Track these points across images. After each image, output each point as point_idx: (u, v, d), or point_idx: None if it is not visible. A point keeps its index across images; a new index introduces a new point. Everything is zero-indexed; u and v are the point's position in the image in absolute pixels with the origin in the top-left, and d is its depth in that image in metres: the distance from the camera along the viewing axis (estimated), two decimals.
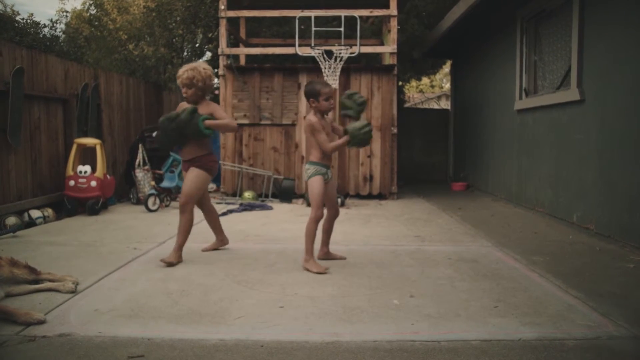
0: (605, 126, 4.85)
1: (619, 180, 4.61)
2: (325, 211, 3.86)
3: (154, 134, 7.44)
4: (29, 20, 9.70)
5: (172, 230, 5.18)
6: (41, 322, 2.62)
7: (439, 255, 4.19)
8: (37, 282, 3.21)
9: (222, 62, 7.96)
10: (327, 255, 4.02)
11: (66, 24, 13.02)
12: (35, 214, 5.83)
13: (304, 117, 7.83)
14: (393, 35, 7.85)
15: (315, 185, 3.72)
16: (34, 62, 6.09)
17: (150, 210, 6.45)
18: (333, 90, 3.82)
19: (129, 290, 3.20)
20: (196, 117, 3.79)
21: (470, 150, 9.43)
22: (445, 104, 19.82)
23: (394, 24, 7.87)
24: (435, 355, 2.31)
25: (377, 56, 10.19)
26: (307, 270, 3.65)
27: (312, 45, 6.94)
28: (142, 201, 6.87)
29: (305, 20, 8.52)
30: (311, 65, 7.88)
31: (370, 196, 7.88)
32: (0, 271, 3.05)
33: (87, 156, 6.76)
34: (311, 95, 3.76)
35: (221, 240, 4.39)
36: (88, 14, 13.12)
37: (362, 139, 3.70)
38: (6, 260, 3.16)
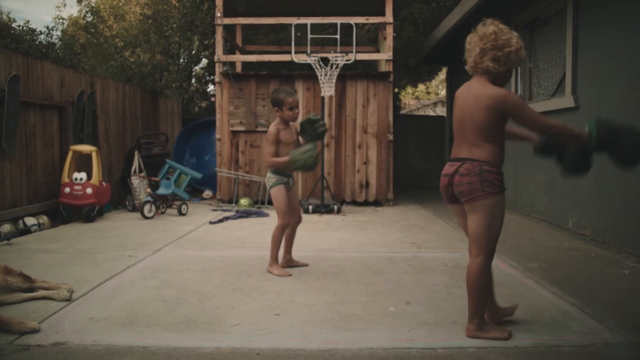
0: None
1: (614, 186, 4.63)
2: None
3: None
4: (25, 27, 9.70)
5: (168, 238, 5.17)
6: (35, 331, 2.60)
7: (435, 262, 4.19)
8: (31, 290, 3.19)
9: (218, 69, 7.98)
10: (289, 263, 4.00)
11: (62, 31, 13.04)
12: (30, 221, 5.81)
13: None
14: (389, 42, 7.89)
15: (278, 194, 3.78)
16: (29, 69, 6.09)
17: (146, 218, 6.44)
18: (297, 99, 3.82)
19: (124, 298, 3.19)
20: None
21: None
22: (441, 111, 19.88)
23: (389, 31, 7.91)
24: None
25: (373, 63, 10.25)
26: (270, 272, 3.77)
27: (308, 52, 6.96)
28: (137, 208, 6.85)
29: (301, 28, 8.55)
30: (307, 72, 7.91)
31: (366, 203, 7.88)
32: None
33: (82, 163, 6.75)
34: (275, 104, 3.81)
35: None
36: (84, 21, 13.12)
37: (303, 164, 3.58)
38: (0, 268, 3.14)
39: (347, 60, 6.92)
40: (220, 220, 6.31)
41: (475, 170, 2.45)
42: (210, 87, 13.06)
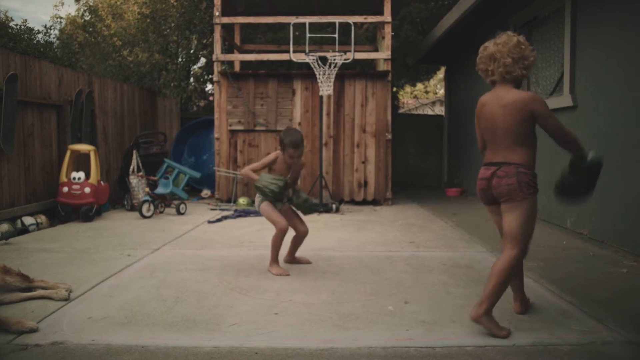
0: (598, 132, 4.89)
1: (613, 185, 4.64)
2: (294, 229, 3.98)
3: None
4: (22, 26, 9.69)
5: (166, 237, 5.17)
6: (34, 331, 2.60)
7: (433, 261, 4.19)
8: (29, 289, 3.19)
9: (216, 68, 7.97)
10: (292, 261, 4.10)
11: (60, 30, 13.01)
12: (29, 220, 5.80)
13: (298, 124, 7.84)
14: (387, 41, 7.89)
15: (266, 208, 3.85)
16: (27, 68, 6.07)
17: (144, 217, 6.43)
18: (300, 151, 3.86)
19: (122, 297, 3.18)
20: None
21: (464, 155, 9.46)
22: (440, 110, 19.89)
23: (388, 30, 7.91)
24: None
25: (372, 62, 10.24)
26: (270, 272, 3.80)
27: (307, 51, 6.96)
28: (136, 207, 6.84)
29: (299, 27, 8.55)
30: (306, 72, 7.90)
31: (364, 202, 7.88)
32: None
33: (80, 162, 6.74)
34: (281, 144, 3.84)
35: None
36: (82, 20, 13.10)
37: (264, 188, 3.74)
38: None
39: (345, 60, 6.92)
40: (218, 220, 6.30)
41: (512, 173, 2.61)
42: (209, 87, 13.05)
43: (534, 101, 2.60)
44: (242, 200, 7.62)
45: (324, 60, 6.84)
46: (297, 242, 4.07)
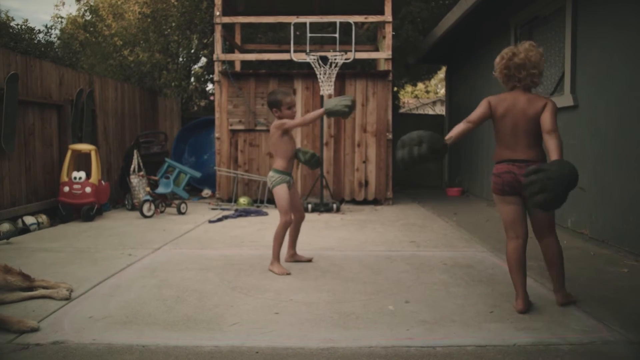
0: (599, 131, 4.88)
1: (613, 185, 4.64)
2: (293, 212, 3.96)
3: None
4: (23, 26, 9.68)
5: (167, 236, 5.17)
6: (35, 330, 2.60)
7: (434, 260, 4.19)
8: (30, 289, 3.19)
9: (217, 67, 7.97)
10: (293, 258, 4.12)
11: (61, 30, 13.01)
12: (29, 220, 5.80)
13: None
14: (388, 41, 7.89)
15: (280, 193, 3.83)
16: (28, 68, 6.08)
17: (145, 217, 6.44)
18: (294, 99, 3.93)
19: (123, 297, 3.19)
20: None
21: (465, 155, 9.46)
22: (440, 110, 19.88)
23: (388, 30, 7.90)
24: None
25: (372, 62, 10.25)
26: (271, 271, 3.78)
27: (307, 51, 6.96)
28: (137, 207, 6.85)
29: (300, 27, 8.54)
30: (306, 71, 7.90)
31: (365, 202, 7.88)
32: None
33: (81, 162, 6.75)
34: (274, 105, 3.85)
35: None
36: (83, 20, 13.11)
37: (336, 111, 3.71)
38: (0, 267, 3.15)
39: (346, 59, 6.92)
40: (219, 219, 6.31)
41: None
42: (209, 86, 13.06)
43: (554, 104, 2.91)
44: (242, 200, 7.62)
45: (324, 59, 6.84)
46: (295, 231, 4.08)
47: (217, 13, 7.92)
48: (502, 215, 3.08)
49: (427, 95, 23.18)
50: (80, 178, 6.28)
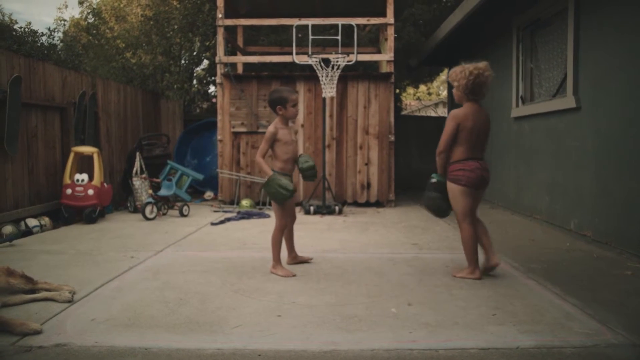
0: (601, 133, 4.88)
1: (616, 187, 4.63)
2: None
3: None
4: (26, 29, 9.73)
5: (170, 239, 5.17)
6: (37, 332, 2.60)
7: (436, 263, 4.18)
8: (33, 291, 3.19)
9: (219, 70, 7.98)
10: (296, 260, 4.12)
11: (64, 33, 13.06)
12: (32, 222, 5.82)
13: (301, 125, 7.84)
14: (390, 43, 7.89)
15: None
16: (31, 71, 6.10)
17: (147, 219, 6.44)
18: (297, 97, 3.92)
19: (126, 299, 3.19)
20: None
21: None
22: (443, 112, 19.87)
23: (390, 32, 7.91)
24: None
25: (374, 64, 10.24)
26: (274, 274, 3.79)
27: (310, 53, 6.97)
28: (139, 209, 6.85)
29: (302, 29, 8.55)
30: (308, 74, 7.91)
31: (367, 204, 7.88)
32: None
33: (84, 164, 6.76)
34: (279, 102, 3.82)
35: None
36: (86, 23, 13.16)
37: (271, 191, 3.71)
38: (2, 269, 3.15)
39: (348, 61, 6.92)
40: (221, 222, 6.31)
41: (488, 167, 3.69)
42: (212, 89, 13.08)
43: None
44: (245, 202, 7.63)
45: (326, 62, 6.85)
46: (289, 234, 4.07)
47: (220, 15, 7.94)
48: (461, 205, 3.55)
49: (429, 97, 23.17)
50: (82, 180, 6.29)
